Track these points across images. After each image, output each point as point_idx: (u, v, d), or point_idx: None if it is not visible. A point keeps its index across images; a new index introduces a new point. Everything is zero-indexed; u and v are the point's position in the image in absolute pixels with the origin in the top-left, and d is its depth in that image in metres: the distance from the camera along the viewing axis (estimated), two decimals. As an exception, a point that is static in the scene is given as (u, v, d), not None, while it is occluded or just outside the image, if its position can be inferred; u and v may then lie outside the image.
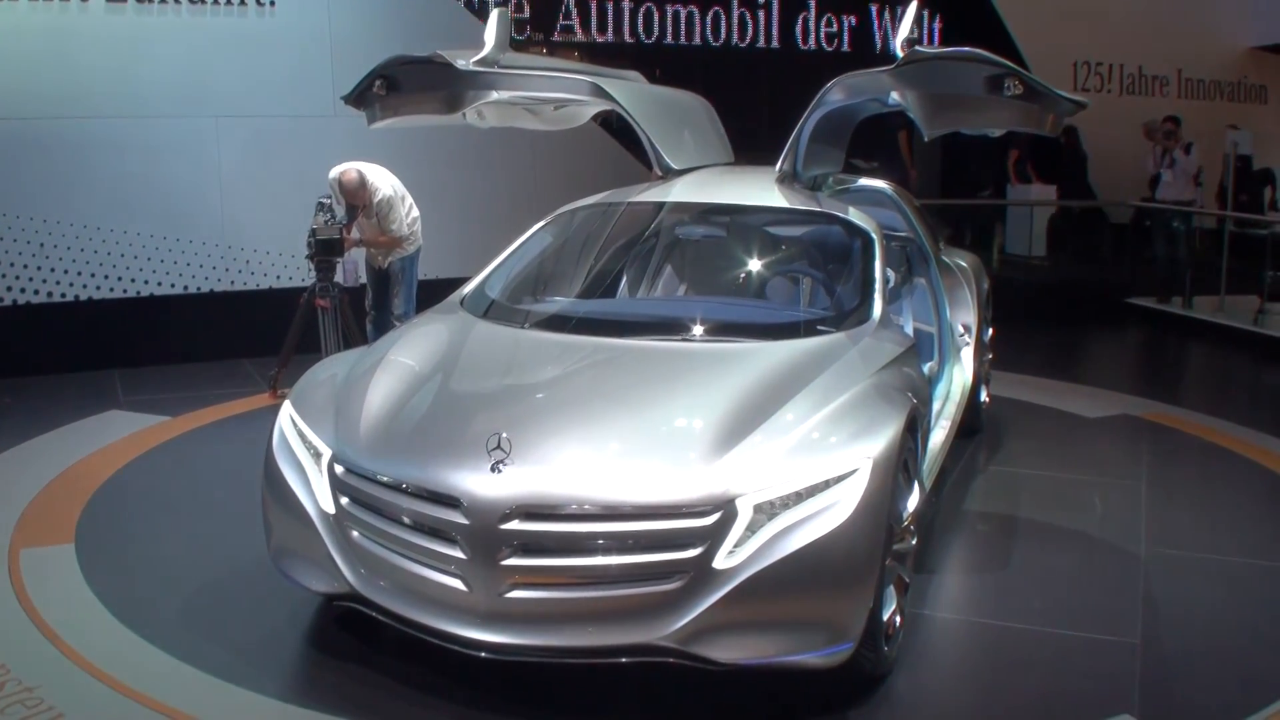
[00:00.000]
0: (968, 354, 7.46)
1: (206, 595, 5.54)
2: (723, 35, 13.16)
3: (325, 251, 8.70)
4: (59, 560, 5.91)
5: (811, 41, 13.64)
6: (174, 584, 5.65)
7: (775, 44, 13.45)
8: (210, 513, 6.65)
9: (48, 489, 7.01)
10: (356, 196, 8.93)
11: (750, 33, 13.31)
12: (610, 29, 12.60)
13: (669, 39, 12.86)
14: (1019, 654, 4.99)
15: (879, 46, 13.92)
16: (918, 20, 8.58)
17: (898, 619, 4.72)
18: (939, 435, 6.50)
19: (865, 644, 4.33)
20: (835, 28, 13.75)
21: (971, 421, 7.79)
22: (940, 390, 6.83)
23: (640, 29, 12.71)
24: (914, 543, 4.92)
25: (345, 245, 8.83)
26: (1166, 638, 5.14)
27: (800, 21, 13.58)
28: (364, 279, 9.61)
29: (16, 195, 9.95)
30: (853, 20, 13.85)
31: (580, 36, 12.47)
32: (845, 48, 13.82)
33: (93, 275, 10.27)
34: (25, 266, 10.04)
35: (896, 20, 13.71)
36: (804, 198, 6.31)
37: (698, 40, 13.02)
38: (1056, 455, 7.83)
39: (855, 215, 6.17)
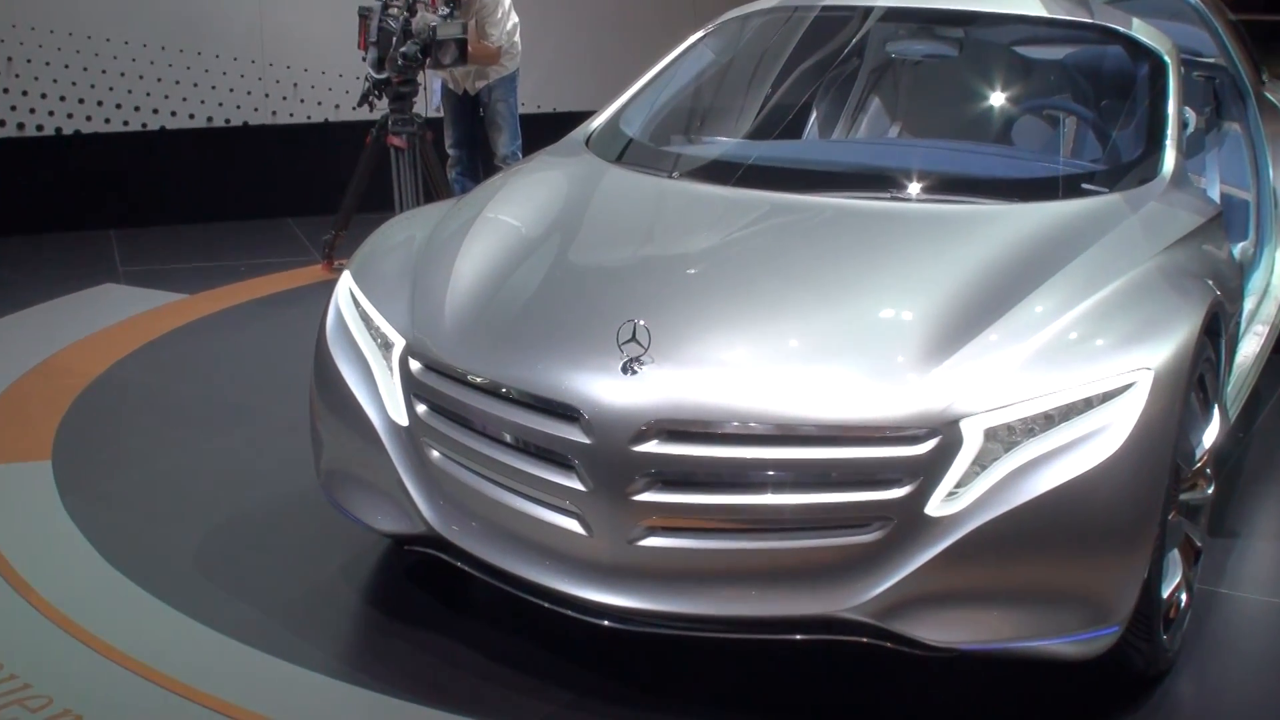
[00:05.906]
0: (1298, 233, 7.34)
1: (231, 534, 5.70)
2: None
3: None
4: (29, 482, 6.11)
5: None
6: (186, 518, 5.81)
7: None
8: (238, 424, 6.82)
9: (15, 388, 7.24)
10: None
11: None
12: None
13: None
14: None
15: None
16: None
17: (1183, 597, 4.70)
18: (1251, 344, 6.41)
19: (1136, 629, 4.31)
20: None
21: (1300, 330, 7.68)
22: (1256, 282, 6.74)
23: None
24: (1210, 492, 4.90)
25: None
26: None
27: None
28: (440, 110, 9.67)
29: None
30: None
31: None
32: None
33: (80, 101, 10.48)
34: (-14, 89, 10.29)
35: None
36: (1070, 4, 6.24)
37: None
38: None
39: (1142, 31, 6.09)
